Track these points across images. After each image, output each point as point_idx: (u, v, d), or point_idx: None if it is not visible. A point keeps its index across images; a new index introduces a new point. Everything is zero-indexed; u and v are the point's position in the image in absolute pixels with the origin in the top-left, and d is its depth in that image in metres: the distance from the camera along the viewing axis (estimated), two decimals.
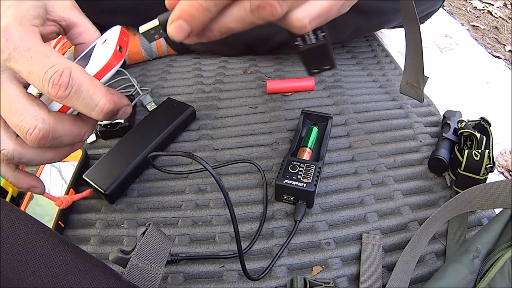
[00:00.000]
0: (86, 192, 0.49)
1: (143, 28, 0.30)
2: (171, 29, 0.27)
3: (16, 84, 0.28)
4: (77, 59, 0.34)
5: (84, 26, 0.34)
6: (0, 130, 0.29)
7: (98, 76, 0.30)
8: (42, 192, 0.34)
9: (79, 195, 0.48)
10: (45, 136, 0.27)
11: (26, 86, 0.29)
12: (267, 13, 0.25)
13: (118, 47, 0.30)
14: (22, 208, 0.47)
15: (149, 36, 0.31)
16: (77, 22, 0.34)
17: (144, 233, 0.35)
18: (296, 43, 0.33)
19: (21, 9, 0.29)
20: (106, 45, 0.31)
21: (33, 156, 0.30)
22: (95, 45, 0.33)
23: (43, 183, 0.34)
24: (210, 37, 0.28)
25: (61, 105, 0.29)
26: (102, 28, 0.76)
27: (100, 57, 0.30)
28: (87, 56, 0.32)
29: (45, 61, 0.27)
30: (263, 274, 0.42)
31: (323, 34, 0.32)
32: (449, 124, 0.57)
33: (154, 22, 0.30)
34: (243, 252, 0.44)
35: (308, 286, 0.40)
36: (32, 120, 0.27)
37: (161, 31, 0.30)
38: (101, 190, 0.48)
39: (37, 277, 0.22)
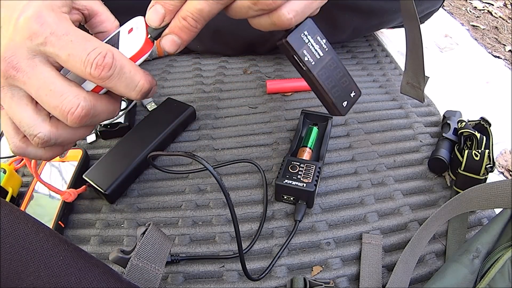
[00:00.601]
0: (82, 189, 0.49)
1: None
2: (166, 41, 0.30)
3: (51, 67, 0.28)
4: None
5: (105, 15, 0.35)
6: (31, 115, 0.29)
7: (133, 60, 0.31)
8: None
9: (81, 189, 0.49)
10: (88, 114, 0.28)
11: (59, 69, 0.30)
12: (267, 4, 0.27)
13: (148, 35, 0.31)
14: (22, 208, 0.47)
15: None
16: (98, 11, 0.35)
17: (144, 233, 0.35)
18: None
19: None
20: (135, 33, 0.32)
21: (68, 136, 0.30)
22: (119, 34, 0.33)
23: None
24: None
25: (94, 86, 0.30)
26: None
27: (132, 43, 0.31)
28: (113, 43, 0.32)
29: (86, 44, 0.27)
30: (263, 274, 0.42)
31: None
32: (449, 124, 0.57)
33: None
34: (244, 252, 0.44)
35: (308, 286, 0.40)
36: (74, 99, 0.28)
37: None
38: (101, 190, 0.48)
39: (37, 277, 0.22)
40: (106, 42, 0.33)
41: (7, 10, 0.28)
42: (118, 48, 0.31)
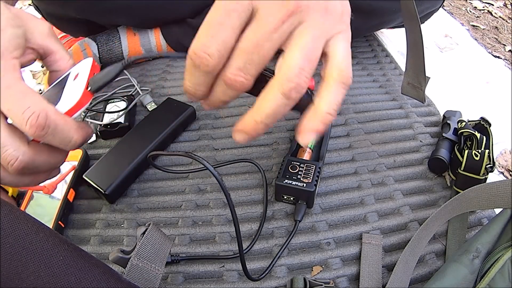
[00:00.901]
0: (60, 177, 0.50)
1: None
2: (237, 137, 0.31)
3: None
4: (51, 86, 0.36)
5: (59, 54, 0.36)
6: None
7: (69, 113, 0.32)
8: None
9: (62, 176, 0.50)
10: (26, 166, 0.29)
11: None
12: (237, 87, 0.29)
13: (87, 87, 0.32)
14: (22, 208, 0.47)
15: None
16: (53, 50, 0.35)
17: (144, 233, 0.35)
18: None
19: (2, 39, 0.30)
20: (77, 82, 0.33)
21: (11, 180, 0.31)
22: (68, 77, 0.34)
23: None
24: (215, 105, 0.34)
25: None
26: (103, 28, 0.77)
27: (71, 95, 0.32)
28: (60, 88, 0.33)
29: (24, 101, 0.29)
30: (264, 274, 0.42)
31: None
32: (449, 124, 0.57)
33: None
34: (244, 252, 0.44)
35: (308, 286, 0.40)
36: (14, 152, 0.29)
37: None
38: (101, 190, 0.48)
39: (37, 277, 0.22)
40: (56, 85, 0.35)
41: None
42: (60, 97, 0.32)
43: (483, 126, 0.55)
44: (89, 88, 0.32)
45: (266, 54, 0.29)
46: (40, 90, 0.72)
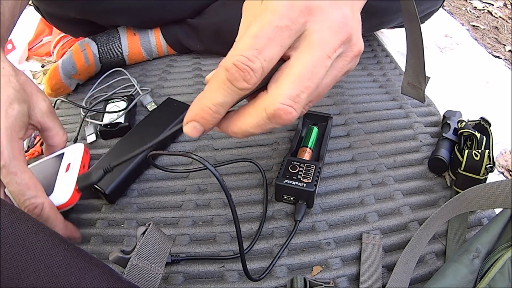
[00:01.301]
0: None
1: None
2: (186, 129, 0.29)
3: None
4: (45, 158, 0.41)
5: (55, 131, 0.40)
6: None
7: (59, 208, 0.37)
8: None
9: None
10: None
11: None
12: (284, 121, 0.25)
13: (76, 186, 0.37)
14: None
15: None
16: (50, 127, 0.39)
17: (144, 233, 0.35)
18: None
19: (9, 117, 0.33)
20: (68, 178, 0.38)
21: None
22: (60, 164, 0.39)
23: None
24: (236, 137, 0.30)
25: None
26: (103, 28, 0.76)
27: (62, 192, 0.38)
28: (53, 174, 0.39)
29: (26, 192, 0.33)
30: (264, 275, 0.42)
31: None
32: (449, 124, 0.57)
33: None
34: (244, 252, 0.44)
35: (308, 286, 0.40)
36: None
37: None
38: (101, 190, 0.48)
39: (37, 277, 0.22)
40: (47, 165, 0.40)
41: None
42: (53, 189, 0.38)
43: (483, 126, 0.55)
44: (77, 188, 0.37)
45: (319, 81, 0.26)
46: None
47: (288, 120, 0.25)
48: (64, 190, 0.36)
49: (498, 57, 0.85)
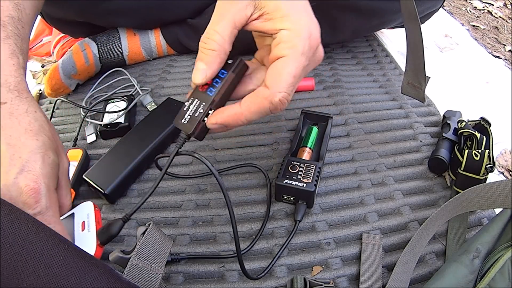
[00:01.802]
0: None
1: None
2: (215, 127, 0.34)
3: None
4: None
5: (66, 191, 0.37)
6: None
7: None
8: None
9: None
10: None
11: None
12: (281, 109, 0.33)
13: (98, 242, 0.35)
14: None
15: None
16: (63, 186, 0.37)
17: (144, 233, 0.35)
18: None
19: (46, 165, 0.31)
20: (88, 236, 0.36)
21: None
22: (74, 226, 0.37)
23: None
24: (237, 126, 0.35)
25: None
26: (103, 29, 0.76)
27: (85, 249, 0.34)
28: (70, 235, 0.36)
29: None
30: (263, 274, 0.42)
31: None
32: (449, 124, 0.57)
33: None
34: (244, 252, 0.44)
35: (308, 286, 0.40)
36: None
37: None
38: (101, 190, 0.48)
39: (37, 277, 0.22)
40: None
41: (7, 149, 0.30)
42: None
43: (483, 126, 0.55)
44: (99, 243, 0.35)
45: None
46: (40, 90, 0.72)
47: (283, 108, 0.32)
48: (87, 248, 0.34)
49: (498, 57, 0.85)
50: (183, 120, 0.34)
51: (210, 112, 0.34)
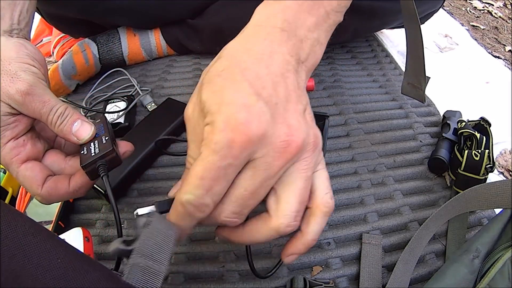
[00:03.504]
0: None
1: (141, 211, 0.34)
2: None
3: None
4: None
5: None
6: None
7: None
8: None
9: None
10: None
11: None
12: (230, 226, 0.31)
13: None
14: (22, 208, 0.47)
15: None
16: None
17: (145, 225, 0.34)
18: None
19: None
20: None
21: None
22: None
23: None
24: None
25: None
26: (103, 29, 0.76)
27: None
28: None
29: None
30: (270, 273, 0.40)
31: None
32: (449, 124, 0.57)
33: (151, 208, 0.33)
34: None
35: (308, 286, 0.40)
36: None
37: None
38: (101, 190, 0.48)
39: (35, 280, 0.22)
40: None
41: None
42: None
43: (483, 126, 0.55)
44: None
45: (261, 197, 0.29)
46: None
47: (230, 225, 0.30)
48: None
49: (498, 57, 0.85)
50: (92, 155, 0.34)
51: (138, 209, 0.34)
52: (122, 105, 0.61)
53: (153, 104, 0.64)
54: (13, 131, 0.34)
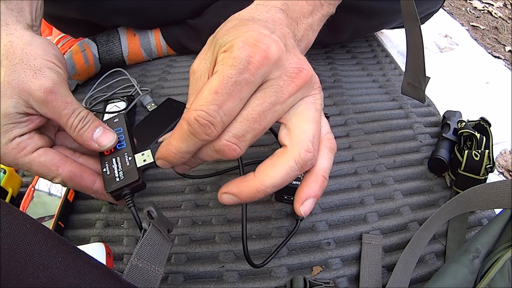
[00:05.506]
0: None
1: (138, 159, 0.34)
2: (158, 163, 0.32)
3: None
4: None
5: None
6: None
7: None
8: None
9: None
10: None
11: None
12: (228, 155, 0.28)
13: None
14: (22, 208, 0.47)
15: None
16: None
17: (143, 234, 0.35)
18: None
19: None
20: None
21: None
22: None
23: None
24: (192, 166, 0.33)
25: None
26: (103, 29, 0.76)
27: None
28: None
29: None
30: (266, 261, 0.39)
31: None
32: (449, 124, 0.57)
33: (148, 153, 0.34)
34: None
35: (308, 286, 0.40)
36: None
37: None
38: None
39: (36, 279, 0.22)
40: None
41: None
42: None
43: (483, 126, 0.55)
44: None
45: (267, 124, 0.28)
46: None
47: (229, 154, 0.28)
48: None
49: (498, 57, 0.85)
50: (117, 180, 0.33)
51: (136, 156, 0.34)
52: (122, 105, 0.61)
53: (153, 104, 0.64)
54: (22, 130, 0.33)
